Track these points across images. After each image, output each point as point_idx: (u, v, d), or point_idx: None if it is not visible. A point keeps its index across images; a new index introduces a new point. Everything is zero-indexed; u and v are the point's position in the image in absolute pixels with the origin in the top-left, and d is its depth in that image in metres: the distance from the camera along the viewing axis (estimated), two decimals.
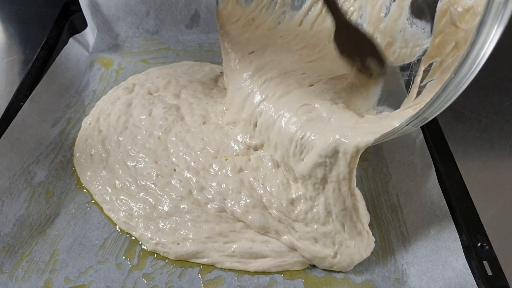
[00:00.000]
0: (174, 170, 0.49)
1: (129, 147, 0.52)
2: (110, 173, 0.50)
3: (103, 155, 0.52)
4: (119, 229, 0.46)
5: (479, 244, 0.41)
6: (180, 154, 0.50)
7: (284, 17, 0.54)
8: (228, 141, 0.50)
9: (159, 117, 0.54)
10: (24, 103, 0.54)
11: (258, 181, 0.46)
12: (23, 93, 0.56)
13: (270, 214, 0.44)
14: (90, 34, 0.69)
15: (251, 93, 0.48)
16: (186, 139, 0.52)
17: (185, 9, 0.70)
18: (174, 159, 0.50)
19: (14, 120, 0.51)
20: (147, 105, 0.56)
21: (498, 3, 0.25)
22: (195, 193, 0.47)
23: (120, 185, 0.48)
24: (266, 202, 0.45)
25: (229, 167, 0.48)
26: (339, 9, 0.46)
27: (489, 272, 0.39)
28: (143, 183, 0.48)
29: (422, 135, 0.51)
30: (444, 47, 0.39)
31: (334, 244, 0.42)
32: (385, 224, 0.46)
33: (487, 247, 0.41)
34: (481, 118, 0.61)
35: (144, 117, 0.55)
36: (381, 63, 0.45)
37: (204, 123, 0.54)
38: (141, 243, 0.44)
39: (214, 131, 0.52)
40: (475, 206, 0.44)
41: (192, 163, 0.49)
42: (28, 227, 0.45)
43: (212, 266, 0.43)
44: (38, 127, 0.54)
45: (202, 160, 0.49)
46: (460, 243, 0.41)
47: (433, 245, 0.42)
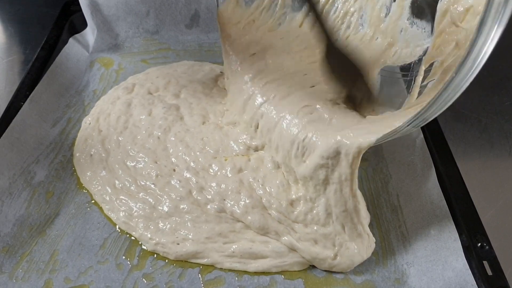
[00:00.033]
0: (174, 170, 0.49)
1: (129, 147, 0.52)
2: (110, 173, 0.50)
3: (103, 155, 0.51)
4: (119, 229, 0.46)
5: (479, 244, 0.41)
6: (180, 154, 0.50)
7: (284, 18, 0.54)
8: (228, 141, 0.50)
9: (159, 117, 0.54)
10: (24, 103, 0.54)
11: (257, 181, 0.46)
12: (23, 93, 0.56)
13: (270, 214, 0.44)
14: (90, 34, 0.68)
15: (252, 95, 0.48)
16: (186, 139, 0.51)
17: (185, 9, 0.70)
18: (173, 159, 0.50)
19: (14, 120, 0.51)
20: (146, 105, 0.56)
21: (498, 3, 0.25)
22: (194, 193, 0.47)
23: (120, 185, 0.48)
24: (266, 202, 0.45)
25: (228, 167, 0.48)
26: (328, 33, 0.44)
27: (489, 272, 0.39)
28: (142, 183, 0.48)
29: (422, 135, 0.51)
30: (445, 47, 0.39)
31: (334, 246, 0.42)
32: (385, 224, 0.46)
33: (487, 247, 0.40)
34: (481, 118, 0.61)
35: (143, 117, 0.55)
36: (368, 93, 0.43)
37: (204, 123, 0.53)
38: (141, 243, 0.44)
39: (214, 131, 0.52)
40: (475, 206, 0.44)
41: (192, 163, 0.49)
42: (28, 227, 0.45)
43: (212, 266, 0.43)
44: (38, 127, 0.54)
45: (202, 160, 0.49)
46: (460, 243, 0.41)
47: (433, 245, 0.42)
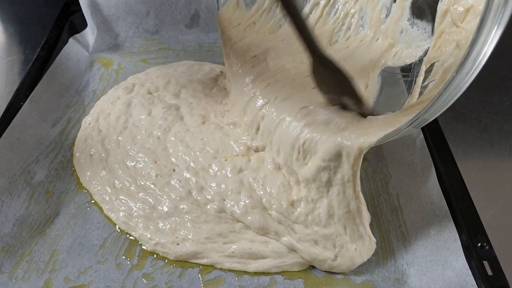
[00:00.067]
0: (174, 170, 0.49)
1: (129, 147, 0.52)
2: (110, 173, 0.50)
3: (103, 155, 0.51)
4: (118, 229, 0.45)
5: (479, 244, 0.41)
6: (180, 154, 0.50)
7: (285, 20, 0.54)
8: (228, 141, 0.50)
9: (159, 117, 0.54)
10: (24, 103, 0.54)
11: (258, 182, 0.46)
12: (23, 93, 0.56)
13: (270, 215, 0.44)
14: (90, 34, 0.68)
15: (253, 97, 0.48)
16: (186, 139, 0.51)
17: (185, 9, 0.70)
18: (173, 159, 0.50)
19: (14, 120, 0.51)
20: (146, 104, 0.56)
21: (498, 3, 0.25)
22: (194, 193, 0.47)
23: (120, 185, 0.48)
24: (266, 203, 0.45)
25: (228, 167, 0.48)
26: (315, 43, 0.40)
27: (489, 272, 0.39)
28: (142, 183, 0.48)
29: (422, 135, 0.50)
30: (445, 47, 0.39)
31: (334, 247, 0.42)
32: (385, 224, 0.46)
33: (487, 247, 0.40)
34: (481, 118, 0.61)
35: (143, 116, 0.55)
36: (359, 104, 0.41)
37: (204, 123, 0.53)
38: (141, 243, 0.44)
39: (214, 131, 0.52)
40: (475, 206, 0.44)
41: (192, 163, 0.49)
42: (28, 227, 0.45)
43: (212, 266, 0.43)
44: (38, 127, 0.54)
45: (202, 160, 0.49)
46: (460, 243, 0.41)
47: (433, 245, 0.42)
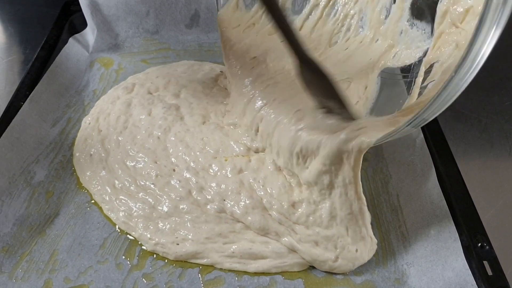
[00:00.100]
0: (174, 170, 0.49)
1: (129, 147, 0.52)
2: (110, 173, 0.50)
3: (103, 155, 0.51)
4: (118, 229, 0.45)
5: (479, 244, 0.41)
6: (180, 154, 0.50)
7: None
8: (228, 141, 0.50)
9: (159, 116, 0.54)
10: (24, 103, 0.54)
11: (258, 182, 0.46)
12: (23, 93, 0.56)
13: (270, 215, 0.44)
14: (90, 34, 0.68)
15: (252, 99, 0.48)
16: (186, 139, 0.51)
17: (185, 9, 0.70)
18: (173, 159, 0.50)
19: (14, 120, 0.51)
20: (146, 104, 0.56)
21: (497, 3, 0.25)
22: (194, 193, 0.47)
23: (120, 185, 0.48)
24: (267, 203, 0.45)
25: (228, 167, 0.48)
26: (300, 46, 0.38)
27: (490, 272, 0.39)
28: (142, 183, 0.48)
29: (422, 135, 0.50)
30: (445, 48, 0.39)
31: (336, 248, 0.42)
32: (385, 224, 0.46)
33: (487, 247, 0.40)
34: (481, 118, 0.61)
35: (143, 116, 0.55)
36: (343, 109, 0.39)
37: (204, 123, 0.53)
38: (141, 243, 0.44)
39: (214, 131, 0.52)
40: (475, 206, 0.44)
41: (192, 163, 0.49)
42: (28, 227, 0.45)
43: (212, 266, 0.43)
44: (38, 127, 0.54)
45: (202, 160, 0.49)
46: (460, 243, 0.41)
47: (433, 245, 0.42)
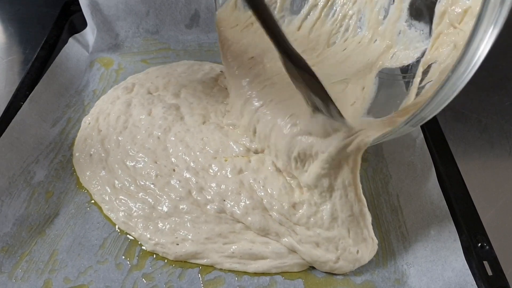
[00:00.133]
0: (174, 170, 0.49)
1: (129, 147, 0.52)
2: (110, 173, 0.50)
3: (103, 155, 0.51)
4: (118, 229, 0.45)
5: (479, 244, 0.41)
6: (180, 154, 0.50)
7: (283, 21, 0.54)
8: (228, 141, 0.50)
9: (159, 116, 0.54)
10: (23, 103, 0.54)
11: (258, 183, 0.46)
12: (22, 93, 0.56)
13: (271, 216, 0.44)
14: (90, 34, 0.68)
15: (249, 99, 0.48)
16: (186, 139, 0.51)
17: (185, 9, 0.70)
18: (173, 159, 0.50)
19: (13, 120, 0.51)
20: (146, 104, 0.56)
21: (495, 2, 0.25)
22: (194, 193, 0.47)
23: (120, 185, 0.48)
24: (267, 204, 0.44)
25: (228, 168, 0.47)
26: (286, 42, 0.34)
27: (490, 273, 0.39)
28: (142, 183, 0.48)
29: (422, 135, 0.50)
30: (443, 48, 0.39)
31: (336, 249, 0.42)
32: (385, 224, 0.46)
33: (487, 247, 0.40)
34: (481, 118, 0.61)
35: (143, 116, 0.55)
36: (328, 108, 0.36)
37: (204, 123, 0.53)
38: (140, 243, 0.44)
39: (214, 131, 0.52)
40: (475, 206, 0.44)
41: (192, 163, 0.49)
42: (28, 227, 0.45)
43: (211, 266, 0.43)
44: (38, 127, 0.54)
45: (202, 161, 0.49)
46: (460, 243, 0.41)
47: (433, 245, 0.42)
